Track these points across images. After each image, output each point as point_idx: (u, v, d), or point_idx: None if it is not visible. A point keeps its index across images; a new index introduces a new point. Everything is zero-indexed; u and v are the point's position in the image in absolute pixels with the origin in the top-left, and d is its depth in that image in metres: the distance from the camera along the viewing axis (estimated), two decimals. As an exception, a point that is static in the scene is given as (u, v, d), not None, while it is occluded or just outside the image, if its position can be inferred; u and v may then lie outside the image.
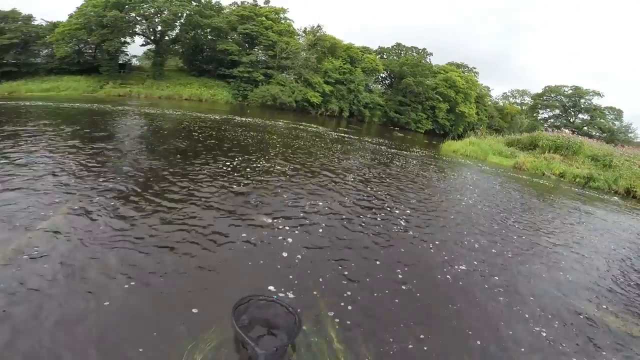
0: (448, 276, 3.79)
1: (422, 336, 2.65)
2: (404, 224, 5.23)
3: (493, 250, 4.84)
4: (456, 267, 4.07)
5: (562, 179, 14.83)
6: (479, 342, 2.72)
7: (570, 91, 43.03)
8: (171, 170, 6.13)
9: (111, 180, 5.17)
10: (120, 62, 28.15)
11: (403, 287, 3.39)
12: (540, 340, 2.93)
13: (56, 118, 10.95)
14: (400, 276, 3.59)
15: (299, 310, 2.40)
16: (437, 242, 4.73)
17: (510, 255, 4.79)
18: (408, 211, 5.91)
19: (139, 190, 4.89)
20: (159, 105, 18.84)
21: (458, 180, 10.59)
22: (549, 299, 3.71)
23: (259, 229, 4.13)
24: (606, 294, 4.08)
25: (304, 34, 35.10)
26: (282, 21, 33.16)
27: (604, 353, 2.86)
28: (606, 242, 6.37)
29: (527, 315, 3.27)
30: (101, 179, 5.16)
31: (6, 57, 23.16)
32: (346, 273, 3.47)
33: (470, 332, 2.83)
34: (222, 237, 3.81)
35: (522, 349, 2.75)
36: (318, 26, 34.47)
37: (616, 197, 12.16)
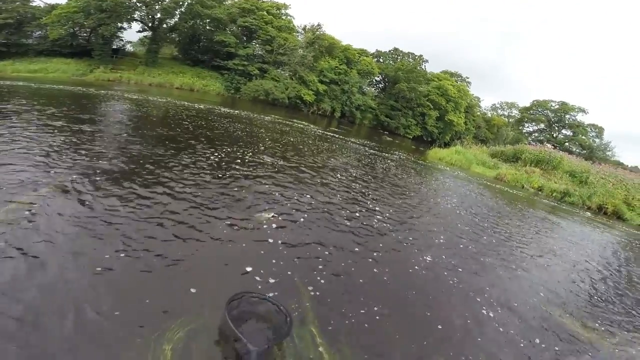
0: (416, 267, 4.16)
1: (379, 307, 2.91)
2: (382, 220, 5.49)
3: (460, 246, 5.27)
4: (425, 257, 4.49)
5: (539, 193, 15.44)
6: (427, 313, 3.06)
7: (557, 106, 44.37)
8: (151, 154, 6.18)
9: (91, 160, 5.24)
10: (114, 47, 27.59)
11: (375, 270, 3.79)
12: (488, 320, 3.32)
13: (38, 99, 10.74)
14: (372, 260, 4.00)
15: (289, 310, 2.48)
16: (410, 238, 5.09)
17: (474, 251, 5.22)
18: (389, 210, 6.19)
19: (118, 171, 4.98)
20: (147, 92, 18.66)
21: (439, 185, 11.00)
22: (501, 289, 4.15)
23: (243, 218, 4.29)
24: (553, 289, 4.56)
25: (303, 32, 35.13)
26: (283, 17, 33.15)
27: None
28: (566, 248, 6.89)
29: (478, 299, 3.74)
30: (80, 159, 5.20)
31: None
32: (325, 254, 3.88)
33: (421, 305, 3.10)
34: (206, 224, 3.93)
35: (469, 324, 3.12)
36: (318, 25, 34.54)
37: (588, 213, 12.78)
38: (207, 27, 30.35)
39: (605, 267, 6.25)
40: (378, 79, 42.89)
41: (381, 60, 43.63)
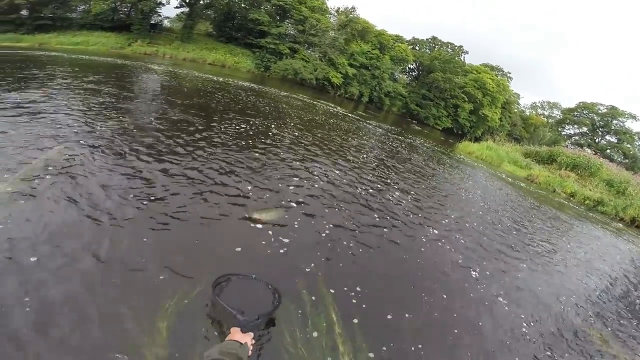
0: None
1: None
2: (405, 206, 5.50)
3: (481, 241, 5.12)
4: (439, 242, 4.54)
5: (571, 198, 14.62)
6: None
7: (605, 110, 41.17)
8: (183, 120, 6.55)
9: (126, 119, 5.67)
10: (152, 22, 28.31)
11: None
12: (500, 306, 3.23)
13: (79, 68, 11.38)
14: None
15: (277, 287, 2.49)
16: (429, 219, 5.18)
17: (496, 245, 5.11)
18: (411, 194, 6.21)
19: (152, 129, 5.38)
20: (181, 66, 19.27)
21: (466, 178, 10.71)
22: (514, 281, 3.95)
23: (265, 187, 4.50)
24: (572, 294, 4.32)
25: (336, 14, 34.31)
26: (317, -3, 32.48)
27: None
28: (589, 254, 6.57)
29: (475, 276, 3.74)
30: (116, 118, 5.63)
31: (44, 10, 23.59)
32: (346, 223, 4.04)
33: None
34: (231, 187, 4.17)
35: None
36: (352, 7, 33.60)
37: (620, 224, 11.99)
38: (242, 5, 30.39)
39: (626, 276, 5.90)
40: (412, 66, 41.42)
41: (417, 48, 41.97)
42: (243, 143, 6.16)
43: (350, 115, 18.16)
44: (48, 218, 2.71)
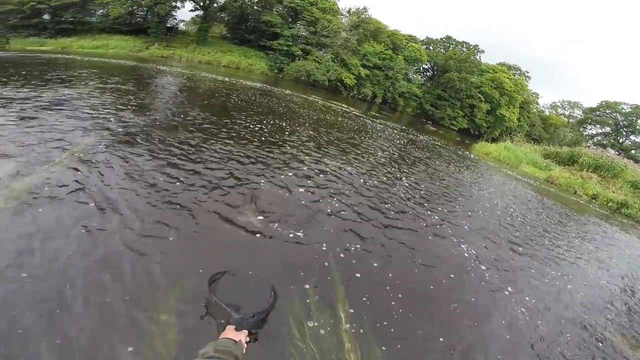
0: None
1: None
2: (419, 200, 5.46)
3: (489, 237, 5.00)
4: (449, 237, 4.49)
5: (593, 201, 14.08)
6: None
7: (629, 109, 39.52)
8: (200, 117, 6.78)
9: (145, 117, 5.86)
10: (168, 25, 29.07)
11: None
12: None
13: (100, 70, 11.80)
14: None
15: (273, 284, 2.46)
16: (440, 210, 5.15)
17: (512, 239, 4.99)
18: (424, 189, 6.09)
19: (168, 127, 5.54)
20: (197, 68, 19.77)
21: (483, 178, 10.51)
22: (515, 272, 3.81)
23: (277, 181, 4.61)
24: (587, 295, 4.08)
25: (347, 14, 34.25)
26: (328, -1, 32.55)
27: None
28: (607, 253, 6.32)
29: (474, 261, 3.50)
30: (135, 117, 5.84)
31: (65, 15, 24.59)
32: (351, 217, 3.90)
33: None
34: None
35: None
36: (364, 8, 33.48)
37: (647, 227, 11.45)
38: (255, 7, 30.74)
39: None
40: (426, 66, 40.85)
41: (431, 47, 41.41)
42: (257, 141, 6.26)
43: (364, 116, 18.07)
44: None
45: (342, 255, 3.28)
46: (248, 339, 1.59)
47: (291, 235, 3.35)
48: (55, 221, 2.67)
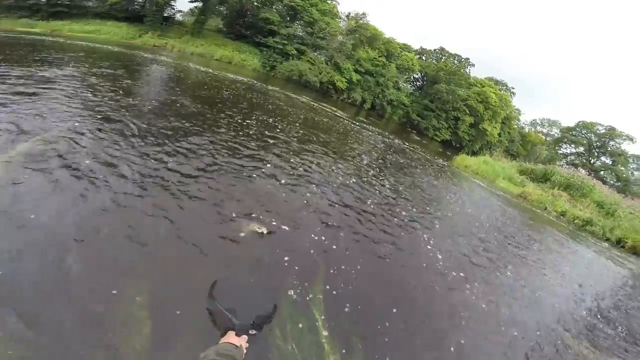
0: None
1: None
2: (399, 210, 5.80)
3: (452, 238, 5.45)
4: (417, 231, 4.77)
5: (561, 217, 15.03)
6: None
7: (604, 130, 41.68)
8: (187, 108, 6.96)
9: (132, 103, 5.91)
10: (165, 14, 28.67)
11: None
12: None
13: (86, 55, 11.73)
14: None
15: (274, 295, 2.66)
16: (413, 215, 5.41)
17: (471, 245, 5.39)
18: (409, 205, 6.49)
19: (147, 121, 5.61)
20: (188, 59, 19.70)
21: (458, 190, 11.09)
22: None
23: (263, 177, 4.87)
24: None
25: (346, 19, 34.69)
26: (329, 1, 32.87)
27: None
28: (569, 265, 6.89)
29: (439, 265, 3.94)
30: (122, 102, 5.94)
31: None
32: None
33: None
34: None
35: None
36: (363, 14, 33.97)
37: (605, 244, 12.41)
38: (255, 3, 30.74)
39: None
40: (417, 76, 41.81)
41: (424, 57, 42.45)
42: (246, 135, 6.48)
43: (351, 120, 18.53)
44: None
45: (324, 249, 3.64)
46: (247, 345, 1.62)
47: (263, 232, 3.62)
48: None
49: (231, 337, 1.60)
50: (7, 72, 6.59)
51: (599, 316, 5.06)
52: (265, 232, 3.57)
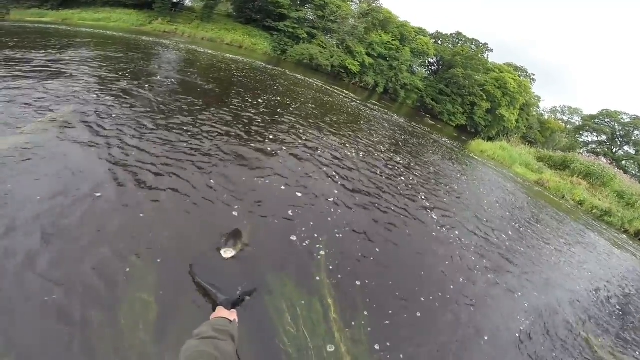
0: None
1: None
2: (412, 187, 5.73)
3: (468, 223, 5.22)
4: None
5: (579, 207, 14.48)
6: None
7: (628, 120, 39.84)
8: (199, 88, 6.97)
9: (144, 88, 5.94)
10: (174, 0, 28.44)
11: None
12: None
13: (97, 42, 11.76)
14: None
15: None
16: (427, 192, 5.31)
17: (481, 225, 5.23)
18: (417, 180, 6.38)
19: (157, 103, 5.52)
20: (199, 44, 19.54)
21: (473, 173, 10.79)
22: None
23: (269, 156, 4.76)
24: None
25: (358, 1, 33.68)
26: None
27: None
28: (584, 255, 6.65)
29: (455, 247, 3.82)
30: (133, 87, 5.89)
31: None
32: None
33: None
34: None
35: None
36: (376, -4, 32.93)
37: (624, 236, 11.91)
38: (265, -14, 30.07)
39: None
40: (432, 60, 40.61)
41: (440, 42, 41.07)
42: (257, 117, 6.34)
43: (364, 103, 18.16)
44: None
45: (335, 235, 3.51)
46: (236, 319, 1.63)
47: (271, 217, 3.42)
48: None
49: (222, 312, 1.62)
50: (25, 56, 6.69)
51: (612, 303, 4.85)
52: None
